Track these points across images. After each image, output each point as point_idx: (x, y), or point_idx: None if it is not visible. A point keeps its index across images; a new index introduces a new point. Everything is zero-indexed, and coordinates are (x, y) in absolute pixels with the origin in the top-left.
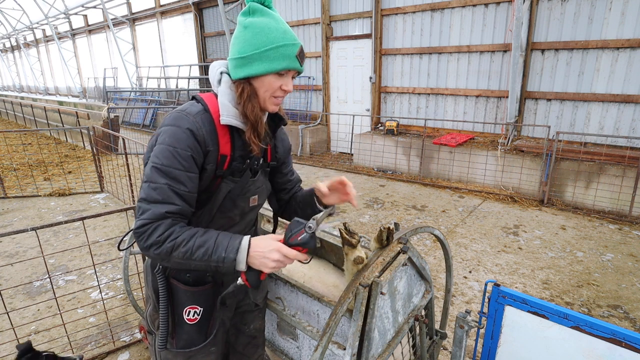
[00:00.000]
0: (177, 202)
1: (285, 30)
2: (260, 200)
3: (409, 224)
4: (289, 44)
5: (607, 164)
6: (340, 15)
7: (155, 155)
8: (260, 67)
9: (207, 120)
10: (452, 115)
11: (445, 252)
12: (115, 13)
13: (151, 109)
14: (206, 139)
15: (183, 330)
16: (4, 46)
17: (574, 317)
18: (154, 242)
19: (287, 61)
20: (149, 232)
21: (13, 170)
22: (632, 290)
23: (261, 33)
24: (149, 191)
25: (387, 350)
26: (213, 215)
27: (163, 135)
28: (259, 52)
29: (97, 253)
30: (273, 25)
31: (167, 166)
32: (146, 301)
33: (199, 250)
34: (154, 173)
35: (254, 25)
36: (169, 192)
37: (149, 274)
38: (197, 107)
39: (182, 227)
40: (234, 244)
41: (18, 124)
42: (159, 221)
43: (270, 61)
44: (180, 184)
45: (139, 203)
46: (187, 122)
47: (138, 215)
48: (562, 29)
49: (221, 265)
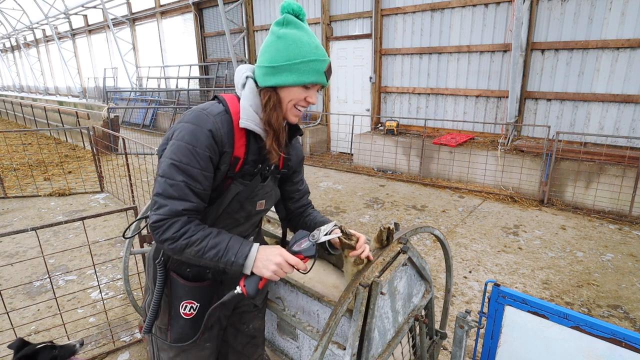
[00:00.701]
0: (192, 200)
1: (317, 45)
2: (267, 205)
3: (409, 224)
4: (319, 60)
5: (607, 164)
6: (340, 15)
7: (173, 151)
8: (289, 78)
9: (226, 121)
10: (452, 115)
11: (445, 252)
12: (115, 13)
13: (151, 109)
14: (224, 140)
15: (178, 324)
16: (4, 46)
17: (574, 317)
18: (169, 237)
19: (316, 76)
20: (164, 228)
21: (13, 170)
22: (632, 290)
23: (294, 45)
24: (166, 187)
25: (387, 350)
26: (219, 214)
27: (182, 132)
28: (290, 64)
29: (97, 253)
30: (306, 39)
31: (185, 164)
32: (145, 292)
33: (210, 251)
34: (172, 169)
35: (287, 37)
36: (186, 190)
37: (151, 265)
38: (218, 108)
39: (197, 226)
40: (244, 250)
41: (18, 124)
42: (175, 218)
43: (300, 74)
44: (196, 182)
45: (154, 197)
46: (208, 122)
47: (154, 209)
48: (562, 29)
49: (229, 268)
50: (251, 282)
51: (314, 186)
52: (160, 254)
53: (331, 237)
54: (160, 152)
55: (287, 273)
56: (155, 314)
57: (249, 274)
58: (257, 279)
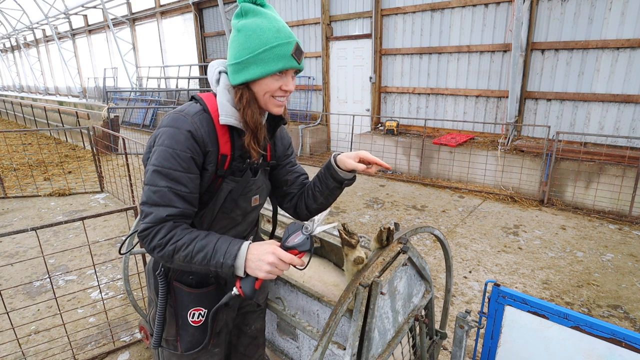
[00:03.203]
0: (178, 205)
1: (279, 28)
2: (261, 199)
3: (409, 224)
4: (283, 43)
5: (607, 164)
6: (340, 15)
7: (155, 157)
8: (256, 70)
9: (205, 120)
10: (452, 115)
11: (445, 252)
12: (115, 13)
13: (151, 109)
14: (205, 140)
15: (188, 333)
16: (4, 46)
17: (574, 317)
18: (156, 244)
19: (284, 61)
20: (151, 236)
21: (13, 170)
22: (632, 290)
23: (253, 35)
24: (150, 194)
25: (387, 350)
26: (215, 215)
27: (162, 137)
28: (253, 56)
29: (97, 253)
30: (265, 25)
31: (167, 168)
32: (149, 305)
33: (198, 255)
34: (155, 176)
35: (246, 28)
36: (170, 195)
37: (151, 277)
38: (195, 108)
39: (183, 230)
40: (233, 250)
41: (18, 124)
42: (161, 224)
43: (265, 63)
44: (181, 185)
45: (141, 206)
46: (186, 123)
47: (142, 219)
48: (562, 29)
49: (220, 270)
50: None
51: None
52: (160, 265)
53: (326, 227)
54: (145, 160)
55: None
56: (162, 326)
57: (242, 275)
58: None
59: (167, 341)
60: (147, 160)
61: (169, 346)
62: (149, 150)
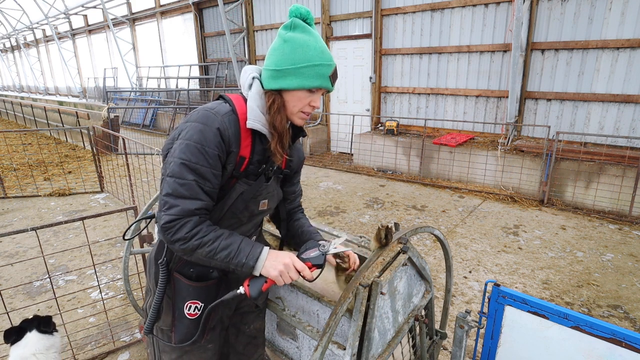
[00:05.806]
0: (203, 198)
1: (323, 50)
2: (270, 204)
3: (409, 224)
4: (324, 64)
5: (607, 164)
6: (340, 15)
7: (182, 151)
8: (293, 81)
9: (233, 121)
10: (452, 115)
11: (445, 252)
12: (115, 13)
13: (151, 109)
14: (231, 140)
15: (183, 325)
16: (4, 46)
17: (574, 317)
18: (181, 237)
19: (320, 80)
20: (176, 228)
21: (13, 170)
22: (632, 290)
23: (300, 49)
24: (176, 186)
25: (387, 350)
26: (223, 213)
27: (190, 132)
28: (294, 68)
29: (97, 253)
30: (312, 43)
31: (195, 163)
32: (146, 294)
33: (222, 252)
34: (182, 169)
35: (293, 41)
36: (197, 189)
37: (152, 265)
38: (225, 108)
39: (209, 227)
40: (255, 252)
41: (18, 124)
42: (188, 217)
43: (304, 78)
44: (206, 181)
45: (164, 197)
46: (216, 122)
47: (164, 210)
48: (562, 29)
49: (239, 269)
50: (256, 284)
51: (314, 186)
52: (163, 254)
53: (338, 250)
54: (166, 152)
55: (292, 279)
56: (157, 315)
57: (258, 275)
58: (262, 281)
59: (162, 331)
60: (167, 151)
61: (164, 336)
62: (171, 142)
